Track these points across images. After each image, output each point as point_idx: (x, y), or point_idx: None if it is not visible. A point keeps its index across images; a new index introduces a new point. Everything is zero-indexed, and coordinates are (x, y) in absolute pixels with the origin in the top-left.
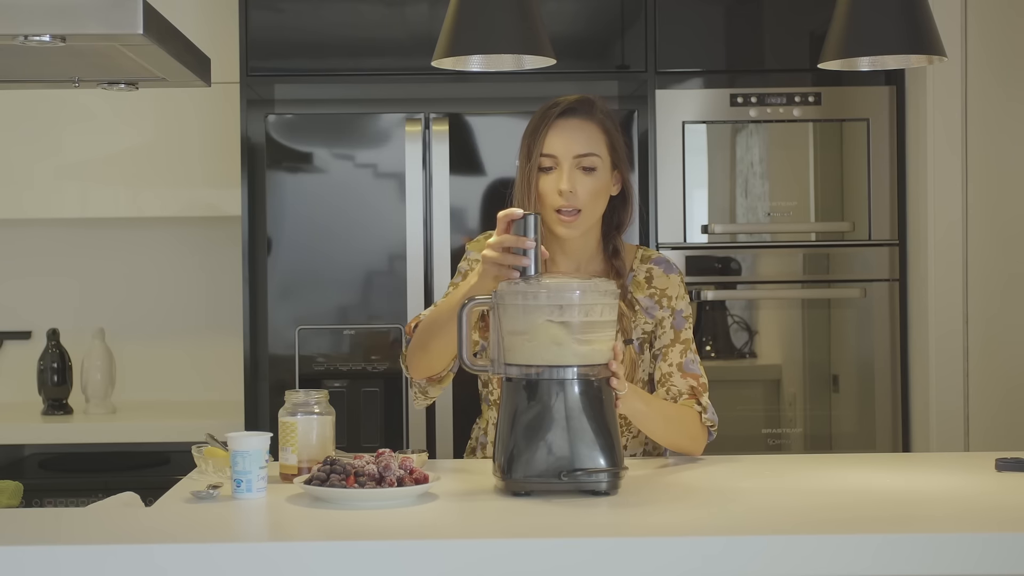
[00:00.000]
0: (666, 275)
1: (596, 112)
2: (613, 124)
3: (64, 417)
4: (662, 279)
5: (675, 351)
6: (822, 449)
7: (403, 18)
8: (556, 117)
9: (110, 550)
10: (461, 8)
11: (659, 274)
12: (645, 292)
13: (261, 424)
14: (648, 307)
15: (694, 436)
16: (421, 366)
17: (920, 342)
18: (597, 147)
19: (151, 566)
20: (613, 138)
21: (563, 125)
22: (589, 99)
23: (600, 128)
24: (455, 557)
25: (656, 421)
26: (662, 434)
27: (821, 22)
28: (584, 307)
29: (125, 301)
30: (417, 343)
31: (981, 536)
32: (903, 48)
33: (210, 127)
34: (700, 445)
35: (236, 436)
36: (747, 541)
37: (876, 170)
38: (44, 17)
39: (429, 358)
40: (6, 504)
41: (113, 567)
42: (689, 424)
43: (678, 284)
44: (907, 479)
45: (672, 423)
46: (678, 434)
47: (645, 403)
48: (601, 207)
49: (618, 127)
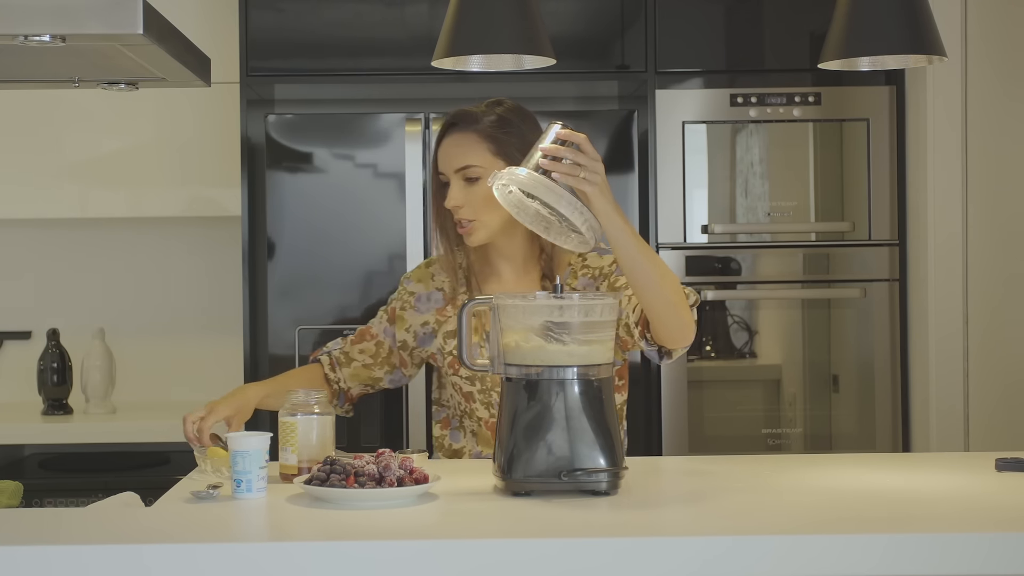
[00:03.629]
0: (600, 256)
1: (478, 121)
2: (501, 128)
3: (64, 417)
4: (596, 259)
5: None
6: (822, 449)
7: (403, 18)
8: (442, 134)
9: (110, 550)
10: (461, 8)
11: (593, 256)
12: (579, 275)
13: (261, 424)
14: (585, 286)
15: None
16: None
17: (920, 342)
18: (476, 157)
19: (151, 566)
20: (500, 143)
21: (446, 142)
22: (470, 111)
23: (481, 136)
24: (455, 557)
25: (639, 244)
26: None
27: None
28: (584, 307)
29: (125, 301)
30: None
31: (987, 536)
32: (903, 48)
33: (210, 127)
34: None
35: (236, 436)
36: (752, 541)
37: (876, 170)
38: (44, 17)
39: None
40: (6, 504)
41: (113, 567)
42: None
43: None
44: (907, 479)
45: (657, 263)
46: (665, 277)
47: (625, 222)
48: (500, 212)
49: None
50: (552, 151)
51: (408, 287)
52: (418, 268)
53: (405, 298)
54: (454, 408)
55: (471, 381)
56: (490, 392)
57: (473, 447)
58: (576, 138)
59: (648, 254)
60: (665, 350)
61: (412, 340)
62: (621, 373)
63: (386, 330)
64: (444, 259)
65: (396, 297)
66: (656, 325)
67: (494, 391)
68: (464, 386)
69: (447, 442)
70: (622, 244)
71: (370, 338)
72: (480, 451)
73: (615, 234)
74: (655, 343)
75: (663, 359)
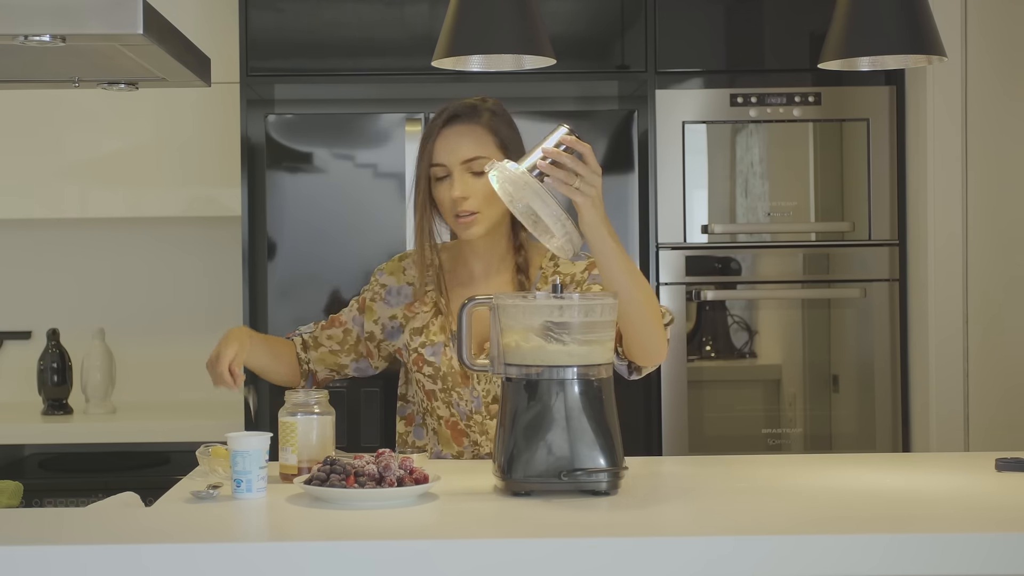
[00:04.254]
0: (572, 262)
1: (482, 114)
2: (504, 123)
3: (64, 417)
4: (568, 265)
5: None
6: (822, 449)
7: (403, 18)
8: (441, 126)
9: (109, 550)
10: (461, 8)
11: (565, 262)
12: (550, 280)
13: (261, 424)
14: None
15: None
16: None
17: (920, 342)
18: (485, 149)
19: (151, 567)
20: (504, 137)
21: (448, 133)
22: (473, 104)
23: (487, 129)
24: (455, 557)
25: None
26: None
27: (821, 22)
28: (584, 307)
29: (125, 301)
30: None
31: (987, 536)
32: (903, 48)
33: (210, 127)
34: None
35: (236, 436)
36: (752, 541)
37: (876, 170)
38: (44, 17)
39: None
40: (6, 504)
41: (113, 567)
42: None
43: (585, 267)
44: (908, 479)
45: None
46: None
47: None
48: (500, 206)
49: (511, 125)
50: (553, 154)
51: (380, 279)
52: (391, 261)
53: (376, 289)
54: (418, 405)
55: (433, 379)
56: (451, 391)
57: (435, 445)
58: (581, 147)
59: (632, 273)
60: (635, 366)
61: (379, 332)
62: None
63: (355, 319)
64: (416, 254)
65: (368, 288)
66: (630, 342)
67: (455, 391)
68: (427, 384)
69: (410, 439)
70: (607, 261)
71: (339, 325)
72: (440, 450)
73: (601, 249)
74: (626, 358)
75: (632, 375)
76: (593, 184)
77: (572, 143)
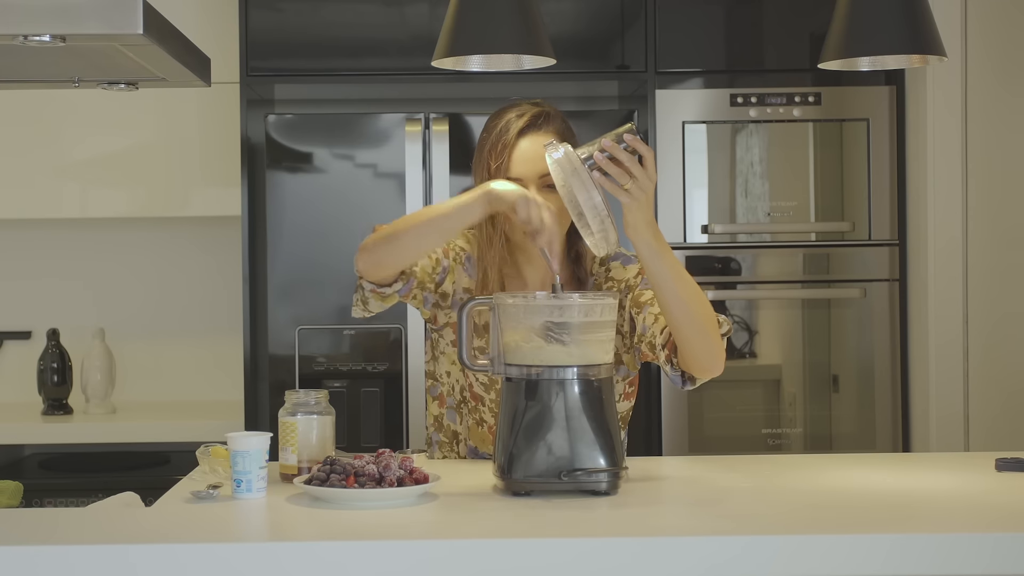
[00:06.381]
0: (623, 266)
1: (553, 122)
2: (568, 128)
3: (64, 417)
4: (620, 270)
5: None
6: (822, 449)
7: (403, 18)
8: (516, 136)
9: (109, 551)
10: (461, 8)
11: (617, 267)
12: (604, 288)
13: (261, 424)
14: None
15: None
16: (378, 258)
17: (920, 342)
18: None
19: (150, 566)
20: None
21: (524, 145)
22: (544, 111)
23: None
24: (455, 557)
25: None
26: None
27: (821, 22)
28: (584, 307)
29: (125, 301)
30: (389, 231)
31: (987, 536)
32: (903, 48)
33: (210, 127)
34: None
35: (236, 436)
36: (752, 541)
37: (876, 170)
38: (44, 17)
39: (393, 249)
40: (6, 504)
41: (113, 567)
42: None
43: (637, 271)
44: (908, 479)
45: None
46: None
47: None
48: (568, 219)
49: (571, 129)
50: (612, 149)
51: (457, 242)
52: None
53: (457, 252)
54: (450, 386)
55: (486, 388)
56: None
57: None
58: (643, 150)
59: (680, 279)
60: (689, 376)
61: (448, 299)
62: (633, 381)
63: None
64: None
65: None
66: (683, 349)
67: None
68: (476, 387)
69: (445, 422)
70: (650, 265)
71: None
72: (475, 447)
73: (644, 253)
74: (680, 368)
75: (686, 385)
76: (644, 189)
77: (635, 143)
